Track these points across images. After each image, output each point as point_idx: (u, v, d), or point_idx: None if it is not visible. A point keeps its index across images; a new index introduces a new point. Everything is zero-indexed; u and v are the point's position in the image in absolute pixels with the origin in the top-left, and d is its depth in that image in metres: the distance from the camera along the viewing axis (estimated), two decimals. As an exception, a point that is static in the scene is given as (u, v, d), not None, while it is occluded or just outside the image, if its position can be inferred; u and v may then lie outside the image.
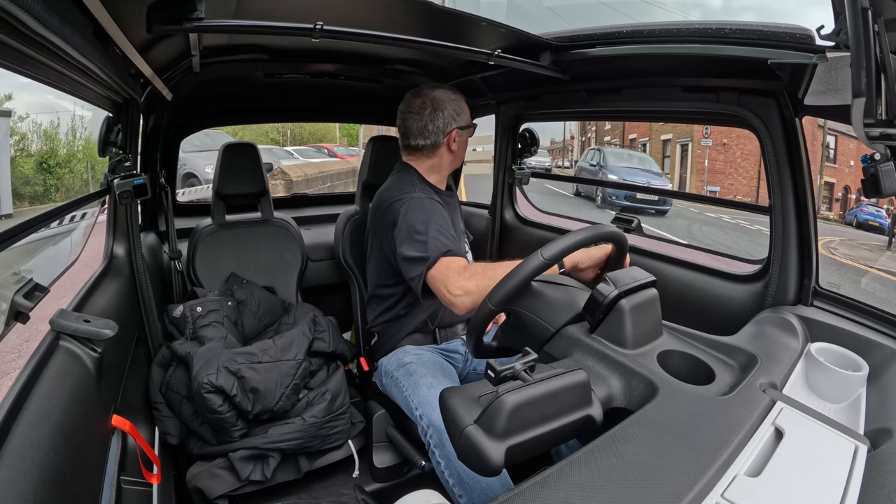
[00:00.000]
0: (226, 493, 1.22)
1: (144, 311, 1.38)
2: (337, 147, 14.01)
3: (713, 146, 15.19)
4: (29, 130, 4.46)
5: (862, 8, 0.66)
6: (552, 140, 23.74)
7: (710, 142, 15.20)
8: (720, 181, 14.93)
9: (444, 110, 1.44)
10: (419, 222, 1.24)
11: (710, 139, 15.11)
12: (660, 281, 0.96)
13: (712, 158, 15.28)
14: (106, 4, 0.68)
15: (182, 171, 8.53)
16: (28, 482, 0.59)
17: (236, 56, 1.45)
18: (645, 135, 18.74)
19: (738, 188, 14.39)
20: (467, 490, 1.09)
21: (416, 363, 1.33)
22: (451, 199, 1.55)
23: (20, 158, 4.24)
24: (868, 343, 1.01)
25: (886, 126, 0.73)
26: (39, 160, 4.45)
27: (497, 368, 0.66)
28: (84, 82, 0.95)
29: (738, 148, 14.98)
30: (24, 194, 4.15)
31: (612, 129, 19.00)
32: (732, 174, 15.03)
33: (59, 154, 3.82)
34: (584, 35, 1.31)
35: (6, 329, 0.77)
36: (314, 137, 15.39)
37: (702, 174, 15.32)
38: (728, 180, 14.91)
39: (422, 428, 1.19)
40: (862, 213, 11.35)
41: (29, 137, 4.46)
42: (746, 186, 14.51)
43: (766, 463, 0.63)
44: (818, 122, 12.54)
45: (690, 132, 15.67)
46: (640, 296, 0.90)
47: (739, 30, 1.04)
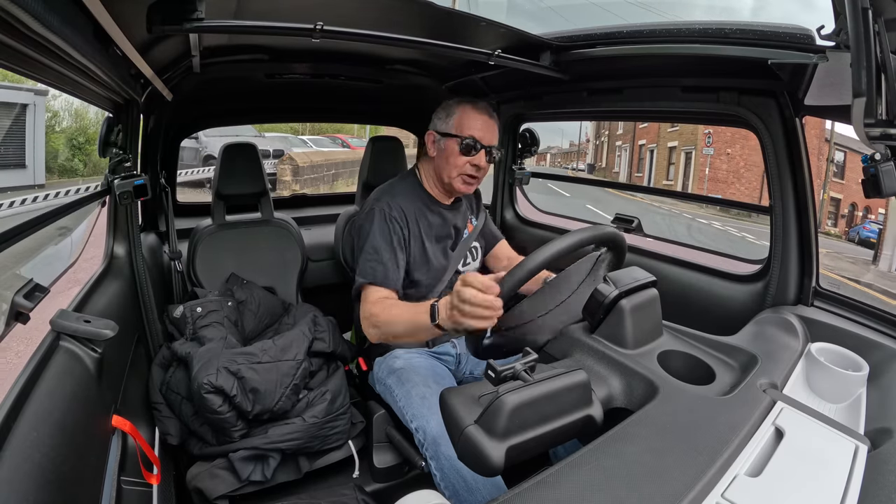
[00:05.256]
0: (226, 493, 1.22)
1: (144, 312, 1.38)
2: (352, 139, 14.58)
3: (717, 155, 15.27)
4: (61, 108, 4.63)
5: (862, 8, 0.66)
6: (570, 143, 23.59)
7: (712, 150, 15.30)
8: (722, 190, 15.02)
9: (437, 111, 1.39)
10: (363, 238, 1.32)
11: (713, 148, 15.20)
12: (660, 281, 0.96)
13: (716, 167, 15.41)
14: (106, 5, 0.68)
15: (203, 153, 8.98)
16: (28, 482, 0.59)
17: (236, 56, 1.45)
18: (653, 141, 18.89)
19: (740, 198, 14.31)
20: (462, 502, 1.08)
21: (408, 369, 1.30)
22: (449, 212, 1.45)
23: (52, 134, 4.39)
24: (868, 343, 1.01)
25: (887, 126, 0.73)
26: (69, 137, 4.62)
27: (497, 368, 0.67)
28: (84, 83, 0.95)
29: (742, 158, 15.10)
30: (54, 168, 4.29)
31: (624, 133, 19.09)
32: (735, 184, 15.13)
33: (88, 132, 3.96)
34: (585, 35, 1.31)
35: (6, 329, 0.77)
36: (333, 128, 15.60)
37: (703, 182, 15.49)
38: (731, 189, 14.98)
39: (418, 440, 1.18)
40: (864, 230, 11.42)
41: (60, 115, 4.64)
42: (749, 197, 14.58)
43: (766, 463, 0.63)
44: (825, 136, 12.53)
45: (695, 140, 15.75)
46: (640, 296, 0.90)
47: (740, 30, 1.04)
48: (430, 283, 1.41)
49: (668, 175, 17.64)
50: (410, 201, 1.38)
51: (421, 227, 1.37)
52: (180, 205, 2.03)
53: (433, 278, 1.40)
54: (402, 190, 1.40)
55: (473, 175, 1.35)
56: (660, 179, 18.41)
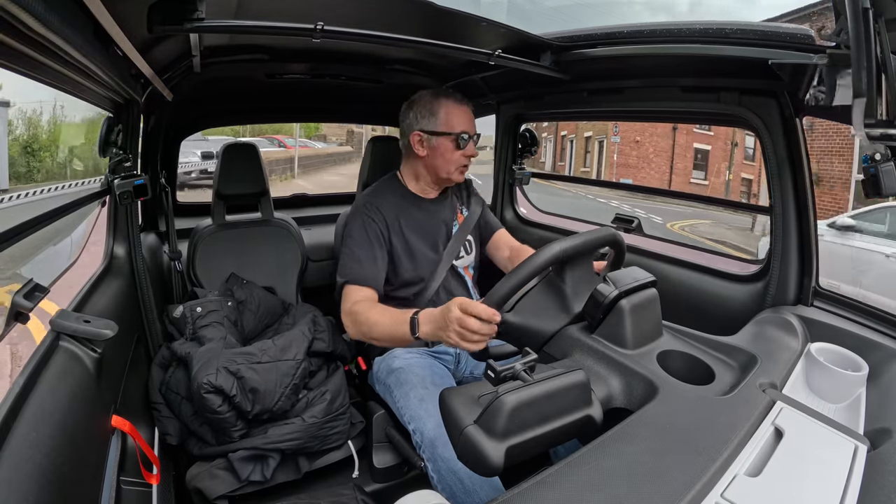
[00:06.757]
0: (225, 493, 1.22)
1: (144, 312, 1.38)
2: (288, 139, 16.42)
3: (628, 143, 17.03)
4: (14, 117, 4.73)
5: (863, 8, 0.66)
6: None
7: (619, 139, 17.12)
8: (633, 174, 16.68)
9: (412, 109, 1.39)
10: (344, 239, 1.40)
11: (619, 136, 17.04)
12: (660, 281, 0.96)
13: (626, 154, 17.14)
14: (107, 5, 0.68)
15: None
16: (28, 482, 0.59)
17: (237, 56, 1.45)
18: (573, 132, 20.45)
19: (650, 181, 16.48)
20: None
21: (406, 370, 1.31)
22: (433, 205, 1.48)
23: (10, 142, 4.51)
24: (868, 343, 1.01)
25: (887, 126, 0.73)
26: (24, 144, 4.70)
27: (497, 368, 0.66)
28: (84, 83, 0.95)
29: (651, 145, 16.78)
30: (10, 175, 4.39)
31: (549, 125, 20.36)
32: (645, 168, 16.84)
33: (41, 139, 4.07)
34: (585, 35, 1.31)
35: (6, 329, 0.77)
36: (273, 128, 17.16)
37: (613, 168, 17.29)
38: (641, 173, 16.74)
39: (416, 442, 1.18)
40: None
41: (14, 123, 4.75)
42: (658, 180, 16.29)
43: (765, 463, 0.63)
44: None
45: (605, 130, 17.50)
46: (640, 296, 0.90)
47: (740, 30, 1.04)
48: (422, 280, 1.41)
49: (584, 163, 19.17)
50: (390, 201, 1.42)
51: (402, 224, 1.40)
52: (180, 205, 2.03)
53: (423, 274, 1.41)
54: (383, 191, 1.46)
55: (466, 165, 1.43)
56: (578, 167, 19.89)
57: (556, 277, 0.99)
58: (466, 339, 0.92)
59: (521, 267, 0.90)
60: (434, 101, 1.37)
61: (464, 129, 1.36)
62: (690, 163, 16.51)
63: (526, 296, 0.97)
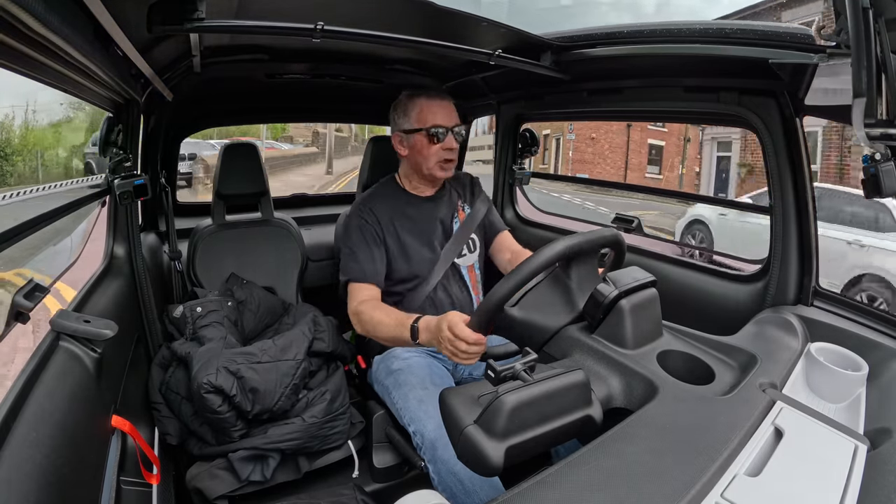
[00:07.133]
0: (225, 493, 1.22)
1: (144, 312, 1.38)
2: (256, 140, 16.70)
3: (583, 140, 17.79)
4: None
5: (863, 8, 0.66)
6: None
7: (574, 136, 17.91)
8: (589, 170, 17.55)
9: (394, 112, 1.43)
10: (342, 240, 1.44)
11: (574, 133, 17.84)
12: (660, 281, 0.96)
13: (582, 150, 17.90)
14: (107, 5, 0.68)
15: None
16: (28, 482, 0.59)
17: (237, 56, 1.45)
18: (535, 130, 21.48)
19: (605, 175, 17.03)
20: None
21: (405, 370, 1.31)
22: (430, 204, 1.48)
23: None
24: (868, 343, 1.01)
25: (887, 126, 0.73)
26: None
27: (497, 368, 0.67)
28: (85, 83, 0.95)
29: (606, 141, 17.52)
30: None
31: None
32: (601, 164, 17.61)
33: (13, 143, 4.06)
34: (586, 35, 1.31)
35: (6, 329, 0.77)
36: (240, 131, 17.63)
37: (569, 164, 18.13)
38: (597, 169, 17.57)
39: (416, 443, 1.19)
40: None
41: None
42: (614, 175, 17.08)
43: (765, 463, 0.63)
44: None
45: (561, 128, 18.18)
46: (640, 296, 0.90)
47: (740, 30, 1.04)
48: (417, 276, 1.42)
49: (543, 160, 19.67)
50: (385, 201, 1.44)
51: (396, 224, 1.42)
52: (180, 205, 2.03)
53: (419, 272, 1.42)
54: (378, 192, 1.49)
55: (448, 159, 1.40)
56: (537, 164, 20.53)
57: (562, 273, 0.99)
58: (458, 357, 0.99)
59: (508, 279, 0.90)
60: (408, 101, 1.39)
61: (435, 123, 1.35)
62: (645, 158, 17.11)
63: (531, 291, 0.97)
